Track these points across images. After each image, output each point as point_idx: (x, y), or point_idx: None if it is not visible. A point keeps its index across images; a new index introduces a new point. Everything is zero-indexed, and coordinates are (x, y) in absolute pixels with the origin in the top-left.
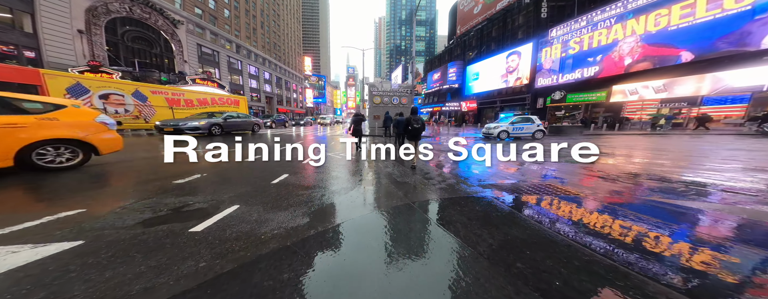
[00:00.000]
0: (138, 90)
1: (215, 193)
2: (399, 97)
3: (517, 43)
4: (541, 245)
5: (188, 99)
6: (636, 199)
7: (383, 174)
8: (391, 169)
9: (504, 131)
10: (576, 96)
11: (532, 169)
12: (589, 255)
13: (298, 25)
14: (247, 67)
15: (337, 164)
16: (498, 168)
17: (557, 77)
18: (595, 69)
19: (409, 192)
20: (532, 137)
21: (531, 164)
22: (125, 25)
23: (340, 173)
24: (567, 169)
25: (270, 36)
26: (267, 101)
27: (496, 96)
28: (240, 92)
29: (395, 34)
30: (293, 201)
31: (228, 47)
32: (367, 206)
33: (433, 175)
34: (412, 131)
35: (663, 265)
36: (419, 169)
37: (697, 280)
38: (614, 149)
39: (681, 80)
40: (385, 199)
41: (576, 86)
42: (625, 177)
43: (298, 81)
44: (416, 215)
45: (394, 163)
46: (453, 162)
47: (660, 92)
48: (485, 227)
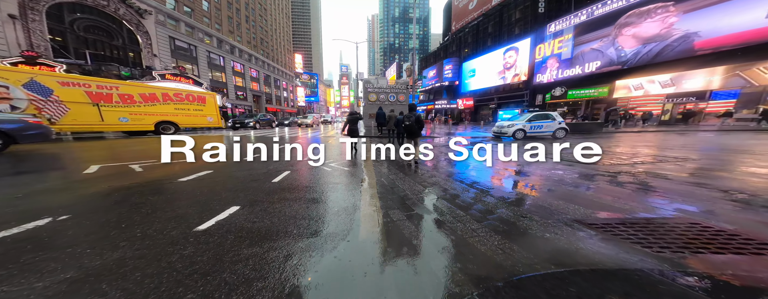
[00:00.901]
0: (34, 80)
1: None
2: (396, 94)
3: (514, 39)
4: None
5: (125, 94)
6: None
7: (392, 198)
8: (403, 185)
9: (520, 130)
10: (577, 92)
11: (658, 200)
12: None
13: (287, 21)
14: (231, 63)
15: (326, 178)
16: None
17: (557, 72)
18: (596, 64)
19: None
20: (553, 136)
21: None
22: (75, 12)
23: (327, 194)
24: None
25: (256, 31)
26: (254, 99)
27: (494, 93)
28: (222, 89)
29: (389, 32)
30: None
31: (207, 42)
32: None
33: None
34: (406, 128)
35: None
36: (448, 193)
37: None
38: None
39: (690, 74)
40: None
41: (577, 81)
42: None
43: (288, 79)
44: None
45: (401, 172)
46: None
47: (667, 87)
48: None
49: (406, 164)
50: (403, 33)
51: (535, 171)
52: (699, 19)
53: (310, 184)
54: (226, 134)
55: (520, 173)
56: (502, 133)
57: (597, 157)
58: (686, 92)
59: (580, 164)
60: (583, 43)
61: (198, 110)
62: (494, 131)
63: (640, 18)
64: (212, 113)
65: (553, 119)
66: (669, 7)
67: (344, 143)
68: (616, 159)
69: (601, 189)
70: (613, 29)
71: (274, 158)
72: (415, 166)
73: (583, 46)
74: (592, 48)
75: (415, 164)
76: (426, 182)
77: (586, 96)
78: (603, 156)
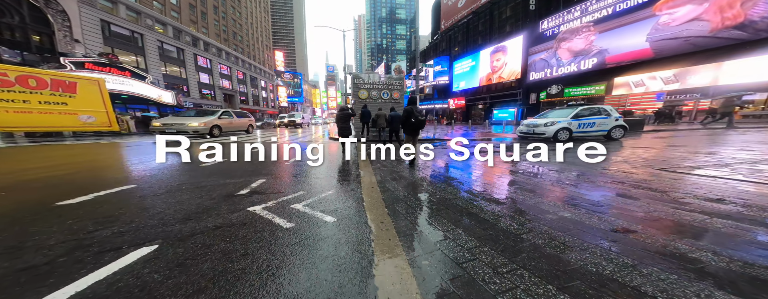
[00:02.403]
0: None
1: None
2: (389, 90)
3: (505, 37)
4: None
5: None
6: None
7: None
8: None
9: (564, 130)
10: (573, 90)
11: None
12: None
13: (266, 16)
14: (193, 57)
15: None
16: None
17: (551, 70)
18: (593, 61)
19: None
20: (608, 136)
21: None
22: None
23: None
24: None
25: (228, 24)
26: (226, 98)
27: (486, 92)
28: (181, 87)
29: (376, 33)
30: None
31: (160, 30)
32: None
33: None
34: (413, 125)
35: None
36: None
37: None
38: None
39: (695, 69)
40: None
41: (573, 79)
42: None
43: (268, 78)
44: None
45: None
46: None
47: (670, 83)
48: None
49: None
50: (391, 33)
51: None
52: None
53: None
54: (125, 142)
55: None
56: (536, 134)
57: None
58: (691, 88)
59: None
60: (534, 53)
61: (60, 103)
62: (522, 131)
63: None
64: (91, 109)
65: (608, 114)
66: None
67: (349, 141)
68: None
69: None
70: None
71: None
72: (412, 167)
73: (533, 56)
74: (540, 57)
75: (412, 164)
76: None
77: (583, 94)
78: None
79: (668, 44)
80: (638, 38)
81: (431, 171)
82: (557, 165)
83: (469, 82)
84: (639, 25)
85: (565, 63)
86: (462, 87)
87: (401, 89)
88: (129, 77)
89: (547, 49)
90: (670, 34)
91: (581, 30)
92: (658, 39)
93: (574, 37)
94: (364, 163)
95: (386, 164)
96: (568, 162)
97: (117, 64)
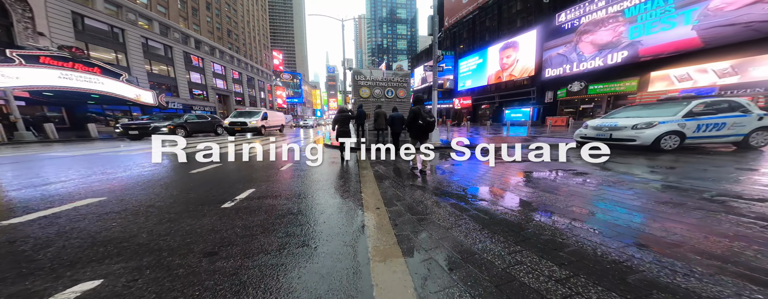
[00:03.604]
0: None
1: None
2: (394, 88)
3: (516, 32)
4: None
5: None
6: None
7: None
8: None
9: (672, 134)
10: (599, 86)
11: None
12: None
13: (264, 14)
14: (185, 56)
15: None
16: None
17: (571, 65)
18: (622, 54)
19: None
20: (743, 143)
21: None
22: None
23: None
24: None
25: (222, 21)
26: (220, 99)
27: (494, 91)
28: (164, 86)
29: (376, 33)
30: None
31: (145, 26)
32: None
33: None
34: (421, 128)
35: None
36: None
37: None
38: None
39: (759, 59)
40: None
41: (598, 74)
42: None
43: (266, 78)
44: None
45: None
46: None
47: (727, 76)
48: None
49: (411, 172)
50: (392, 33)
51: None
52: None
53: None
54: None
55: None
56: (616, 140)
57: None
58: (753, 81)
59: None
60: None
61: None
62: (582, 136)
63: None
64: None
65: (746, 111)
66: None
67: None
68: None
69: None
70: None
71: None
72: (422, 176)
73: (549, 51)
74: (558, 52)
75: (422, 173)
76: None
77: (610, 91)
78: None
79: (722, 32)
80: (680, 28)
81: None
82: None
83: (476, 80)
84: (681, 13)
85: (588, 57)
86: (468, 86)
87: (406, 87)
88: (99, 74)
89: (566, 43)
90: (724, 20)
91: (607, 21)
92: (708, 26)
93: (599, 29)
94: (369, 187)
95: (399, 183)
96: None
97: (82, 59)
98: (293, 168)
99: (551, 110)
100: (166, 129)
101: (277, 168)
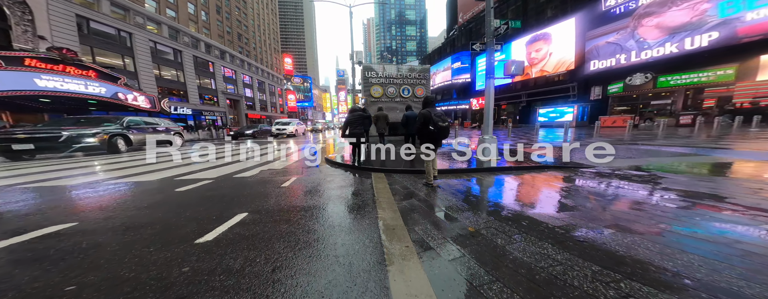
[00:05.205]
0: None
1: None
2: (411, 86)
3: (546, 23)
4: None
5: None
6: None
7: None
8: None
9: None
10: (672, 78)
11: None
12: None
13: (274, 18)
14: (194, 60)
15: None
16: None
17: (628, 55)
18: (710, 36)
19: None
20: None
21: None
22: None
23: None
24: None
25: (232, 25)
26: (231, 104)
27: (520, 89)
28: (176, 92)
29: (385, 35)
30: None
31: (154, 30)
32: None
33: None
34: (433, 134)
35: None
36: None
37: None
38: None
39: None
40: None
41: (671, 63)
42: None
43: (276, 82)
44: None
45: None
46: None
47: None
48: None
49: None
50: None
51: None
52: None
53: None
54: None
55: None
56: None
57: None
58: None
59: None
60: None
61: None
62: None
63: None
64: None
65: None
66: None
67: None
68: None
69: None
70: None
71: None
72: (432, 190)
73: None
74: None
75: (428, 186)
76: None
77: (691, 83)
78: None
79: None
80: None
81: None
82: None
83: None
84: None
85: (654, 44)
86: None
87: (426, 84)
88: (95, 77)
89: (619, 29)
90: None
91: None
92: None
93: (667, 9)
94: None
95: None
96: None
97: (74, 61)
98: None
99: (601, 108)
100: (93, 140)
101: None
